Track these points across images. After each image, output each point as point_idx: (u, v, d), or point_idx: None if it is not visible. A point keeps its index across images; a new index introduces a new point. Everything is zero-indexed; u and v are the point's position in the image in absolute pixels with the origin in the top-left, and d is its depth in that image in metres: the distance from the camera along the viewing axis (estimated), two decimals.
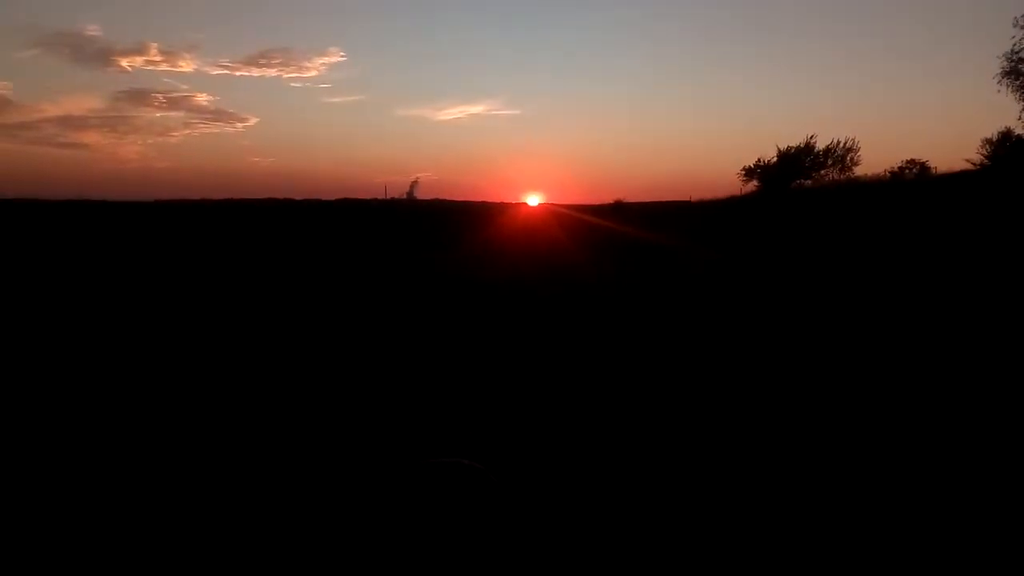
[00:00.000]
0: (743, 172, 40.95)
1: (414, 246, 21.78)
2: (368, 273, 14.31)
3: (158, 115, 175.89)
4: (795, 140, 39.36)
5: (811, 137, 38.21)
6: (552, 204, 59.57)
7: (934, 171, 32.74)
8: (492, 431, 4.67)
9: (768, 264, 15.12)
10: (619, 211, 44.32)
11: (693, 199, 45.52)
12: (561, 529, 3.09)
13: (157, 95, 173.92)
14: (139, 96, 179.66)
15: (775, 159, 39.01)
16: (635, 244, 21.73)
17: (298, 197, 68.44)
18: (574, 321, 8.71)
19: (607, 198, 53.05)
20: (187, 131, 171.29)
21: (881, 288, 11.03)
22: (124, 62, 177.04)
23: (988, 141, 29.43)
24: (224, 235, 26.23)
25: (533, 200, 63.43)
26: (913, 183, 30.08)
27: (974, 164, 29.62)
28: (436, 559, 2.03)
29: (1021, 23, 26.46)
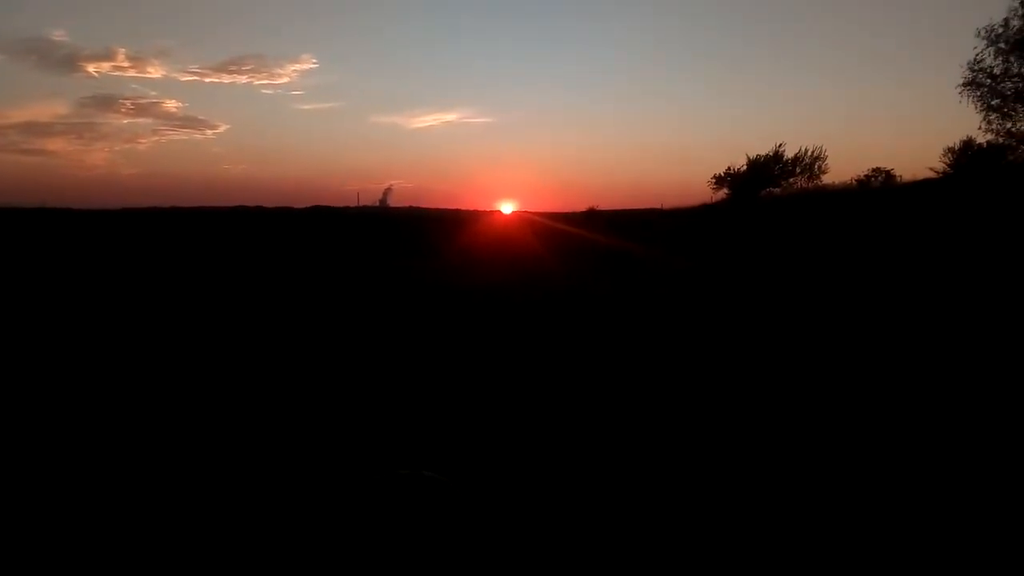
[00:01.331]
0: (713, 180, 41.55)
1: (387, 254, 21.66)
2: (341, 281, 14.19)
3: (126, 122, 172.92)
4: (764, 148, 39.96)
5: (780, 146, 38.94)
6: (526, 212, 59.80)
7: (899, 179, 33.51)
8: (467, 438, 4.65)
9: (738, 271, 15.29)
10: (592, 219, 44.55)
11: (665, 207, 46.04)
12: (528, 539, 3.08)
13: (125, 101, 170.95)
14: (106, 102, 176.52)
15: (745, 167, 39.61)
16: (607, 252, 21.85)
17: (269, 205, 67.84)
18: (547, 328, 8.72)
19: (580, 206, 53.38)
20: (156, 138, 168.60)
21: (849, 294, 11.21)
22: (91, 68, 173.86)
23: (950, 150, 30.19)
24: (193, 244, 25.86)
25: (507, 208, 63.72)
26: (879, 191, 30.72)
27: (937, 172, 30.35)
28: (397, 570, 2.02)
29: (984, 34, 27.16)
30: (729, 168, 40.56)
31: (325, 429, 4.87)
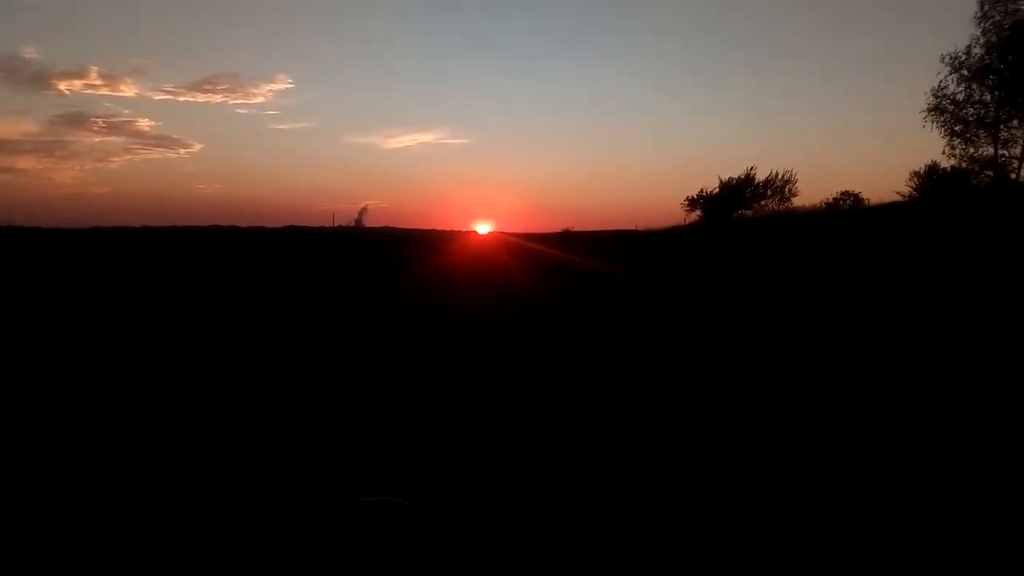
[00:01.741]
0: (687, 202, 42.05)
1: (363, 274, 21.54)
2: (315, 302, 14.07)
3: (97, 140, 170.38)
4: (737, 172, 40.65)
5: (751, 169, 39.62)
6: (502, 232, 60.02)
7: (867, 202, 34.20)
8: (440, 461, 4.62)
9: (712, 291, 15.44)
10: (567, 240, 44.80)
11: (639, 228, 46.43)
12: (494, 564, 3.06)
13: (97, 119, 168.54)
14: (77, 120, 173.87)
15: (717, 190, 40.20)
16: (583, 272, 21.96)
17: (243, 225, 67.19)
18: (522, 348, 8.72)
19: (556, 226, 53.67)
20: (128, 157, 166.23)
21: (819, 313, 11.39)
22: (63, 86, 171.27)
23: (916, 174, 30.88)
24: (165, 263, 25.50)
25: (483, 228, 63.83)
26: (847, 213, 31.30)
27: (903, 196, 31.01)
28: None
29: (948, 61, 27.94)
30: (702, 191, 41.22)
31: (297, 454, 4.79)
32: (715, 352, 8.40)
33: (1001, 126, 28.02)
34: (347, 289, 16.91)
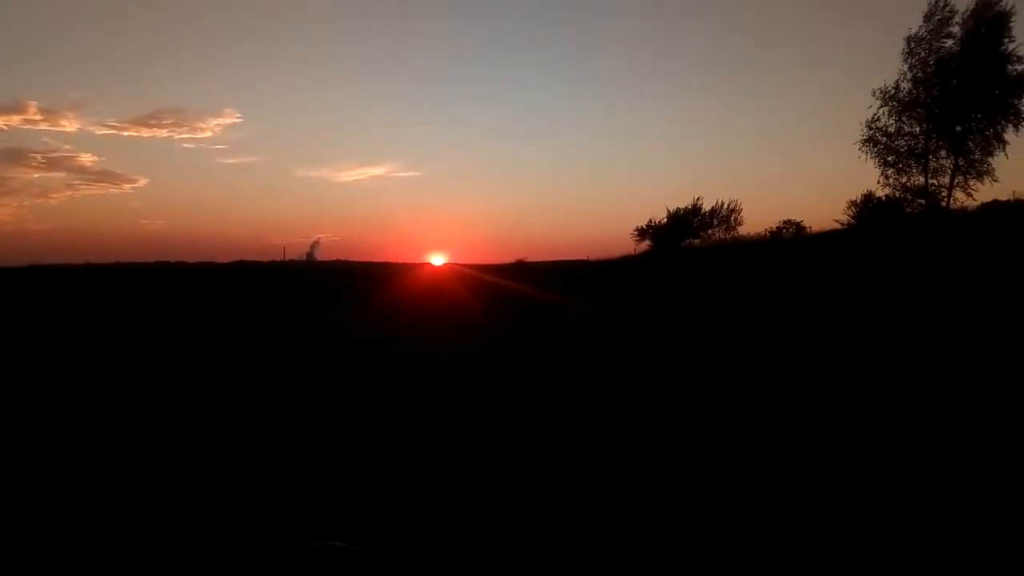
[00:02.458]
0: (636, 232, 42.89)
1: (314, 306, 21.26)
2: (265, 336, 13.81)
3: (36, 176, 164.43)
4: (684, 202, 41.72)
5: (698, 199, 40.71)
6: (456, 264, 59.96)
7: (808, 230, 35.38)
8: (389, 499, 4.56)
9: (662, 320, 15.70)
10: (520, 271, 45.05)
11: (591, 258, 47.03)
12: None
13: (36, 155, 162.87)
14: (15, 156, 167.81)
15: (665, 220, 41.13)
16: (535, 303, 22.09)
17: (191, 260, 65.52)
18: (473, 380, 8.71)
19: (510, 257, 53.91)
20: (69, 192, 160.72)
21: (765, 338, 11.68)
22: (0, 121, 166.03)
23: (853, 203, 32.09)
24: (108, 300, 24.72)
25: (437, 260, 63.71)
26: (790, 241, 32.29)
27: (842, 224, 32.15)
28: None
29: (879, 95, 29.24)
30: (651, 221, 42.13)
31: (243, 492, 4.68)
32: (668, 380, 8.54)
33: (930, 156, 29.34)
34: (297, 321, 16.70)
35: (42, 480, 5.05)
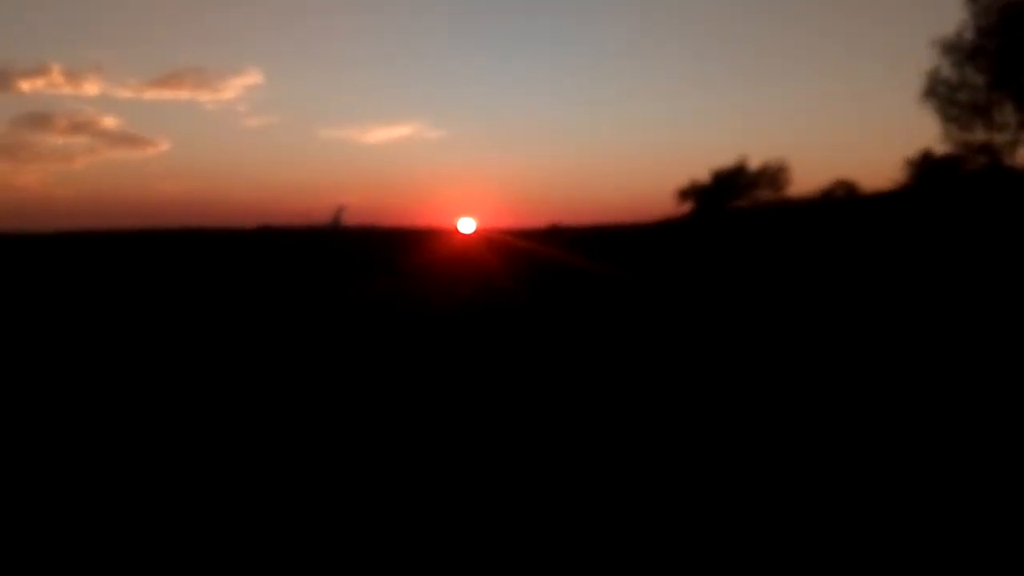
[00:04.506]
0: (679, 194, 41.15)
1: (341, 276, 20.58)
2: (294, 305, 13.12)
3: (60, 141, 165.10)
4: (727, 161, 39.80)
5: (744, 158, 38.73)
6: (486, 229, 58.74)
7: (862, 192, 33.50)
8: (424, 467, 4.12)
9: (709, 290, 14.60)
10: (554, 235, 43.97)
11: (631, 221, 45.64)
12: None
13: (60, 118, 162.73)
14: (39, 120, 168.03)
15: (710, 180, 39.34)
16: (569, 272, 20.96)
17: (214, 225, 65.05)
18: (507, 354, 7.80)
19: (542, 221, 52.78)
20: (92, 157, 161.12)
21: (822, 306, 10.57)
22: (23, 85, 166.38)
23: (910, 162, 30.24)
24: (133, 267, 24.31)
25: (467, 224, 62.30)
26: (843, 202, 30.60)
27: (898, 184, 30.36)
28: None
29: (940, 45, 27.32)
30: (694, 181, 40.33)
31: (274, 463, 4.33)
32: (717, 357, 7.48)
33: (994, 110, 27.48)
34: (325, 291, 16.11)
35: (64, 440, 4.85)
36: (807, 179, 77.55)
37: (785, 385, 6.13)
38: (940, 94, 27.82)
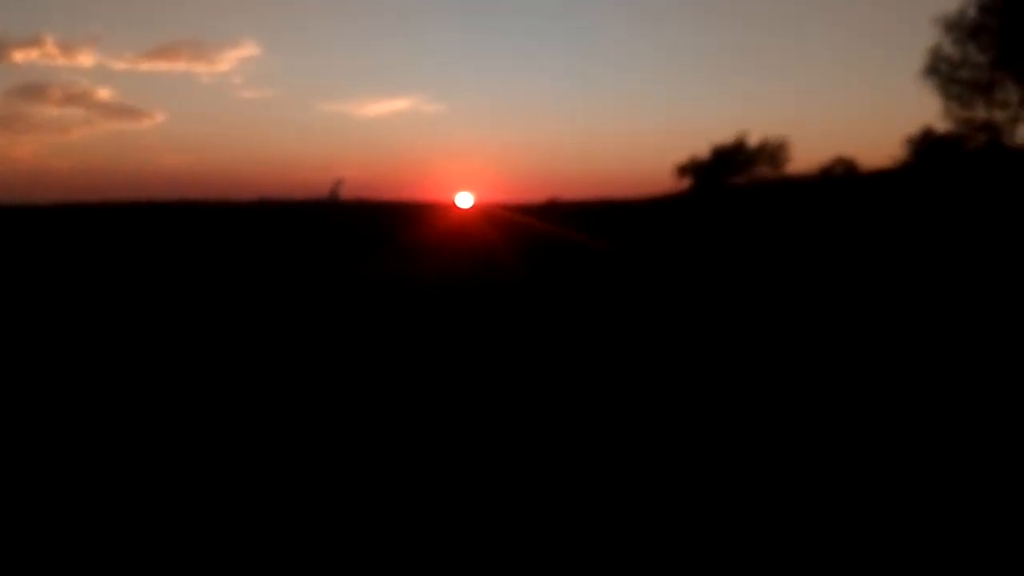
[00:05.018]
0: (678, 169, 40.96)
1: (339, 250, 20.52)
2: (291, 279, 13.08)
3: (55, 112, 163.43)
4: (726, 136, 39.63)
5: (742, 134, 38.48)
6: (484, 203, 58.29)
7: (861, 169, 33.39)
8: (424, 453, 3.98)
9: (709, 265, 14.58)
10: (552, 210, 43.83)
11: (630, 196, 45.47)
12: None
13: (55, 90, 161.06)
14: (34, 92, 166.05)
15: (709, 157, 39.14)
16: (566, 248, 20.93)
17: (211, 198, 64.24)
18: (506, 332, 7.79)
19: (540, 195, 52.59)
20: (88, 128, 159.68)
21: (822, 285, 10.58)
22: (17, 55, 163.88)
23: (911, 139, 30.15)
24: (130, 239, 24.22)
25: (464, 199, 61.67)
26: (842, 180, 30.53)
27: (898, 162, 30.30)
28: None
29: (942, 22, 27.13)
30: (693, 157, 40.12)
31: (275, 449, 4.16)
32: (715, 334, 7.47)
33: (995, 88, 27.37)
34: (324, 265, 16.05)
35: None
36: (807, 156, 77.08)
37: (783, 363, 6.12)
38: (941, 72, 27.69)
